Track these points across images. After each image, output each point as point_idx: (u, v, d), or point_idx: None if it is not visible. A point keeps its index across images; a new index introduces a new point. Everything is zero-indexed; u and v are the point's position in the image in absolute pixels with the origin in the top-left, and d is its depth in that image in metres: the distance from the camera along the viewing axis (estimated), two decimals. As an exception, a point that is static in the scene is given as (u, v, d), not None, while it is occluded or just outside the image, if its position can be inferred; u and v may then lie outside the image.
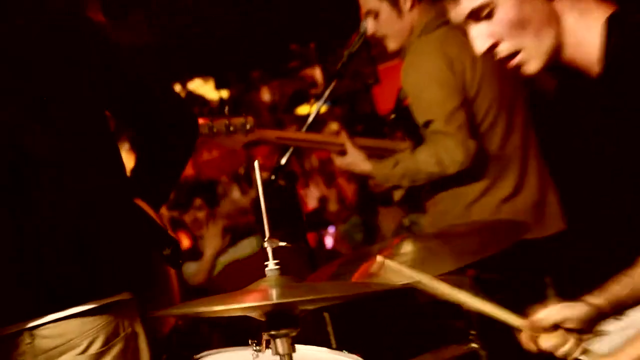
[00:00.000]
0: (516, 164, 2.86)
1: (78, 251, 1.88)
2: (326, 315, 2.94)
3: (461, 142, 2.70)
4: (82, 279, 1.89)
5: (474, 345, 2.38)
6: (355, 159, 2.92)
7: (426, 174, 2.79)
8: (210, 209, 4.40)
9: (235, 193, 6.75)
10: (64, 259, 1.87)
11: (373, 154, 2.97)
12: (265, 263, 1.61)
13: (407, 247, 2.27)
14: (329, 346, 2.03)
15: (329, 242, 6.36)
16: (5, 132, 1.82)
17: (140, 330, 2.01)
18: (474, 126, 2.78)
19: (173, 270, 2.12)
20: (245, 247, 4.39)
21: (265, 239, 1.60)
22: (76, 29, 1.92)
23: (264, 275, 1.60)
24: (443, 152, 2.72)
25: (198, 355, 1.97)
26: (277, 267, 1.60)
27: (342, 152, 2.96)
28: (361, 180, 6.18)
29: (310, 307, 1.60)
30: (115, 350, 1.93)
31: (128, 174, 2.07)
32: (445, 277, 2.28)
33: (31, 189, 1.84)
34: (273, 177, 2.99)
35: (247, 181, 6.76)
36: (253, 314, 1.60)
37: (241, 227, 5.08)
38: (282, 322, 1.59)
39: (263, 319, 1.60)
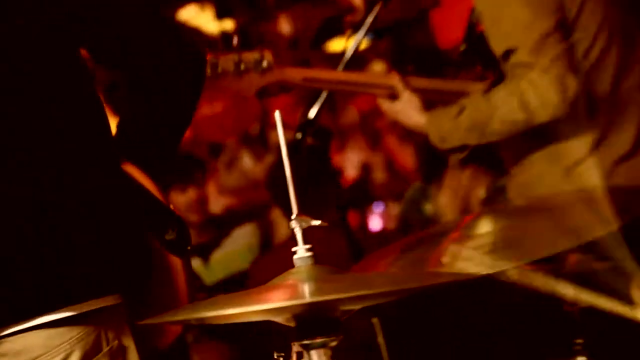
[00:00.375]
0: (635, 111, 2.83)
1: (42, 238, 1.91)
2: (375, 321, 2.96)
3: (555, 78, 2.67)
4: (48, 278, 1.91)
5: (580, 359, 2.39)
6: (407, 106, 2.90)
7: (504, 124, 2.75)
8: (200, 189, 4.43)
9: (246, 160, 6.79)
10: (22, 250, 1.89)
11: (432, 101, 2.95)
12: (294, 249, 1.62)
13: (485, 227, 2.28)
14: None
15: (375, 224, 6.37)
16: None
17: (129, 343, 2.03)
18: (575, 58, 2.75)
19: (178, 260, 2.13)
20: (239, 238, 4.42)
21: (293, 217, 1.61)
22: None
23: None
24: (530, 92, 2.69)
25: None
26: (309, 254, 1.61)
27: (393, 96, 2.94)
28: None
29: (355, 306, 1.61)
30: None
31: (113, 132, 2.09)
32: (538, 266, 2.30)
33: None
34: (299, 135, 3.01)
35: (261, 143, 6.80)
36: (279, 319, 1.62)
37: (244, 209, 5.11)
38: (317, 328, 1.60)
39: (292, 325, 1.62)
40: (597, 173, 2.75)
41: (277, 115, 1.62)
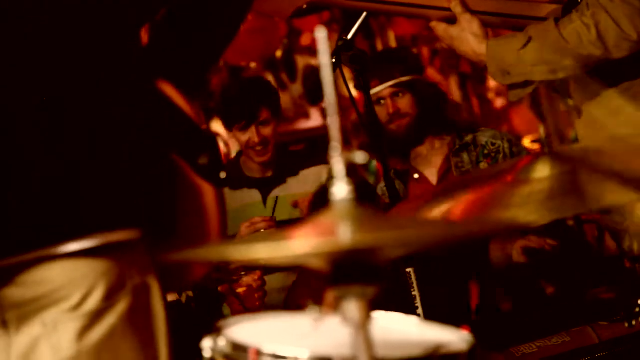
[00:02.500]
0: None
1: (64, 163, 1.91)
2: (411, 271, 2.96)
3: (635, 10, 2.60)
4: (69, 205, 1.91)
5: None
6: (465, 31, 2.83)
7: (578, 59, 2.68)
8: (276, 123, 4.43)
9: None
10: (43, 175, 1.89)
11: (495, 26, 2.87)
12: (333, 184, 1.61)
13: (543, 171, 2.25)
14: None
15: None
16: None
17: (153, 282, 2.04)
18: None
19: (211, 189, 2.12)
20: (308, 180, 4.42)
21: (334, 149, 1.59)
22: None
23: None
24: (608, 24, 2.62)
25: (224, 322, 2.01)
26: (350, 192, 1.60)
27: (449, 20, 2.87)
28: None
29: (398, 253, 1.60)
30: (120, 308, 1.98)
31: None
32: (601, 217, 2.27)
33: None
34: (334, 59, 2.98)
35: (287, 70, 6.76)
36: (313, 263, 1.61)
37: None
38: (356, 275, 1.59)
39: (327, 271, 1.61)
40: None
41: (319, 32, 1.58)
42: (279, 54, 6.85)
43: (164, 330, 2.07)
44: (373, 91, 3.82)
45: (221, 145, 5.77)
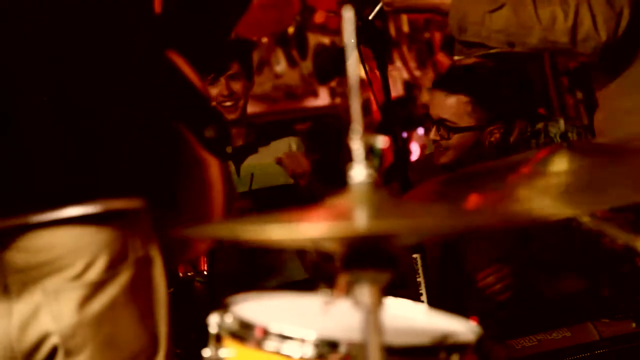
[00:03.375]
0: None
1: (69, 126, 1.88)
2: (417, 257, 2.94)
3: (614, 14, 2.56)
4: (73, 168, 1.89)
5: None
6: None
7: (543, 42, 2.62)
8: (247, 81, 4.38)
9: (280, 63, 6.72)
10: (47, 138, 1.87)
11: None
12: (350, 169, 1.59)
13: (561, 164, 2.23)
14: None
15: (416, 149, 6.34)
16: None
17: (156, 254, 2.04)
18: None
19: (216, 164, 2.11)
20: (279, 151, 4.39)
21: (357, 133, 1.56)
22: None
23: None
24: (586, 20, 2.58)
25: (233, 298, 1.99)
26: (369, 175, 1.58)
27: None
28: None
29: (414, 240, 1.58)
30: (122, 279, 1.97)
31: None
32: (617, 215, 2.25)
33: None
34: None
35: (298, 47, 6.73)
36: (327, 246, 1.59)
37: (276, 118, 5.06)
38: (370, 260, 1.57)
39: (342, 255, 1.59)
40: None
41: (346, 12, 1.55)
42: (290, 30, 6.82)
43: (164, 303, 2.07)
44: None
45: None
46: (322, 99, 6.81)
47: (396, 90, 6.95)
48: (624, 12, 2.56)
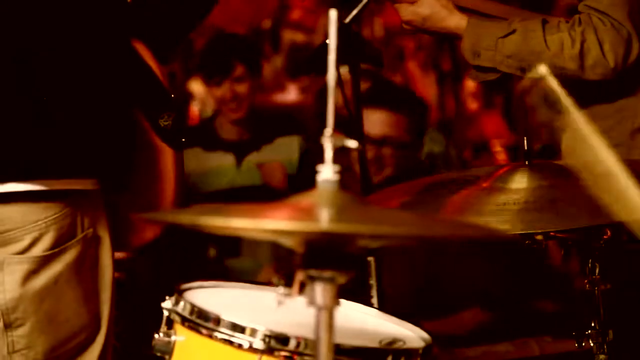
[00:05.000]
0: None
1: (19, 102, 1.87)
2: (371, 260, 2.94)
3: (623, 40, 2.58)
4: (26, 146, 1.88)
5: (589, 343, 2.38)
6: (435, 8, 2.71)
7: (552, 68, 2.63)
8: (253, 80, 4.37)
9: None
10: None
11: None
12: (319, 168, 1.57)
13: (520, 182, 2.24)
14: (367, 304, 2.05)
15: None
16: None
17: (104, 234, 2.04)
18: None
19: (171, 153, 2.11)
20: (281, 149, 4.38)
21: (326, 131, 1.55)
22: None
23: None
24: (594, 47, 2.59)
25: (187, 285, 1.98)
26: (336, 176, 1.56)
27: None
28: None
29: (375, 244, 1.57)
30: (68, 257, 1.97)
31: None
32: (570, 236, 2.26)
33: None
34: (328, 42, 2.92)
35: (272, 43, 6.70)
36: (288, 242, 1.57)
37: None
38: (329, 259, 1.56)
39: (301, 251, 1.57)
40: None
41: (332, 14, 1.54)
42: (266, 24, 6.79)
43: (109, 284, 2.07)
44: None
45: (194, 107, 5.71)
46: (291, 94, 6.79)
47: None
48: (632, 40, 2.57)
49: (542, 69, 1.90)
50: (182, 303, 1.89)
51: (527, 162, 2.29)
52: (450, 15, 2.72)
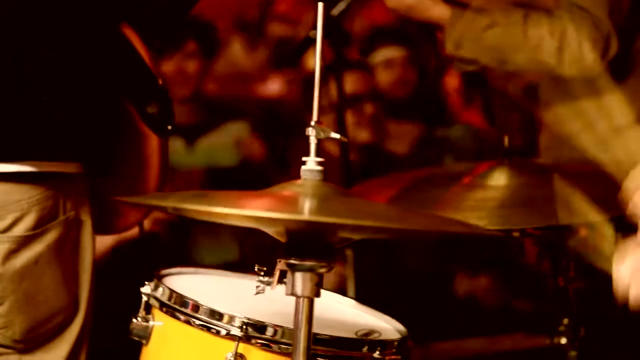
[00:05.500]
0: None
1: (6, 86, 1.87)
2: (349, 253, 2.95)
3: (602, 37, 2.59)
4: (12, 128, 1.89)
5: (561, 339, 2.40)
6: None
7: (531, 61, 2.65)
8: (206, 59, 4.32)
9: (237, 48, 6.68)
10: None
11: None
12: (304, 159, 1.58)
13: (499, 179, 2.25)
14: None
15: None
16: None
17: (86, 218, 2.05)
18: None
19: (156, 140, 2.11)
20: (230, 132, 4.36)
21: (312, 122, 1.56)
22: None
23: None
24: (573, 42, 2.60)
25: (167, 271, 1.98)
26: (319, 167, 1.57)
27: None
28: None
29: (356, 236, 1.58)
30: (49, 238, 1.97)
31: None
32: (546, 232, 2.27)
33: None
34: (313, 34, 2.93)
35: (257, 33, 6.68)
36: (270, 230, 1.58)
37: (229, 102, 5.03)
38: (310, 249, 1.57)
39: (283, 240, 1.58)
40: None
41: (319, 6, 1.55)
42: (251, 16, 6.77)
43: (89, 267, 2.07)
44: None
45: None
46: (273, 86, 6.78)
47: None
48: (611, 37, 2.59)
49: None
50: (161, 288, 1.89)
51: (507, 159, 2.31)
52: (434, 6, 2.73)
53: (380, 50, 4.95)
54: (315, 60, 1.57)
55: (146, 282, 1.90)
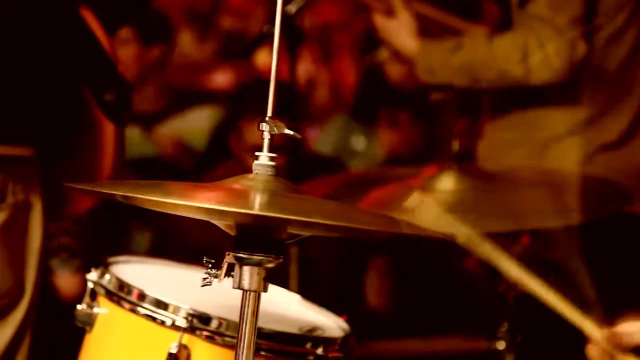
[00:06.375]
0: (634, 101, 2.82)
1: None
2: (294, 251, 2.96)
3: (567, 42, 2.64)
4: None
5: (498, 344, 2.43)
6: (402, 27, 2.84)
7: (500, 74, 2.73)
8: (141, 47, 4.25)
9: (185, 39, 6.64)
10: None
11: (429, 32, 2.90)
12: (257, 154, 1.58)
13: (447, 183, 2.27)
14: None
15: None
16: None
17: (36, 201, 2.02)
18: (591, 26, 2.72)
19: (112, 128, 2.09)
20: (192, 120, 4.34)
21: (267, 118, 1.56)
22: None
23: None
24: (536, 49, 2.65)
25: (113, 259, 1.97)
26: (272, 163, 1.58)
27: (389, 13, 2.88)
28: (373, 66, 6.12)
29: (306, 233, 1.58)
30: None
31: None
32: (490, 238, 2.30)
33: None
34: (268, 29, 2.94)
35: (208, 25, 6.64)
36: (220, 222, 1.58)
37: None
38: (259, 244, 1.57)
39: (232, 233, 1.58)
40: (575, 156, 2.75)
41: (278, 2, 1.55)
42: (203, 6, 6.74)
43: (36, 251, 2.05)
44: None
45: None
46: (223, 79, 6.76)
47: (300, 83, 6.94)
48: (577, 42, 2.64)
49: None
50: (107, 276, 1.88)
51: (454, 165, 2.34)
52: (408, 37, 2.86)
53: None
54: (272, 56, 1.58)
55: (93, 269, 1.89)
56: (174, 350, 1.78)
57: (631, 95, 2.81)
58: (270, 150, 1.58)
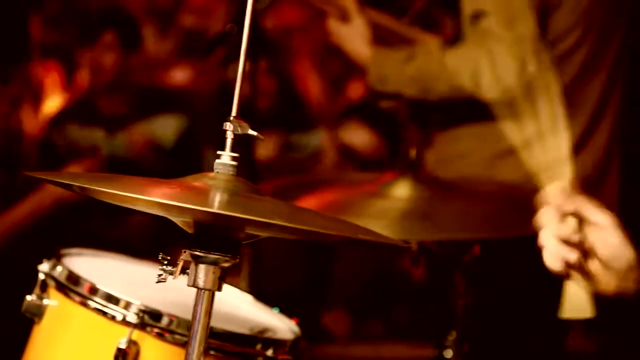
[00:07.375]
0: (586, 113, 2.84)
1: None
2: (247, 250, 2.93)
3: (518, 58, 2.65)
4: None
5: (445, 352, 2.43)
6: (355, 34, 2.84)
7: (450, 87, 2.73)
8: (124, 52, 4.24)
9: (146, 34, 6.58)
10: None
11: (383, 40, 2.90)
12: (219, 153, 1.57)
13: (403, 190, 2.27)
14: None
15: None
16: None
17: None
18: (545, 42, 2.74)
19: None
20: (159, 127, 4.30)
21: (230, 118, 1.55)
22: None
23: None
24: (486, 65, 2.66)
25: (65, 251, 1.94)
26: (233, 162, 1.56)
27: (344, 19, 2.88)
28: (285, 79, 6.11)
29: (264, 234, 1.57)
30: None
31: None
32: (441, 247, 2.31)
33: None
34: (230, 28, 2.92)
35: (169, 22, 6.59)
36: (178, 219, 1.56)
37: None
38: (216, 243, 1.56)
39: (190, 231, 1.56)
40: (524, 170, 2.75)
41: (248, 2, 1.53)
42: (164, 4, 6.69)
43: None
44: None
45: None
46: (181, 77, 6.71)
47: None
48: (527, 60, 2.64)
49: None
50: (59, 268, 1.85)
51: (410, 172, 2.33)
52: (361, 44, 2.86)
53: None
54: (240, 55, 1.56)
55: (44, 260, 1.86)
56: (123, 346, 1.76)
57: (581, 115, 2.84)
58: (232, 150, 1.57)
